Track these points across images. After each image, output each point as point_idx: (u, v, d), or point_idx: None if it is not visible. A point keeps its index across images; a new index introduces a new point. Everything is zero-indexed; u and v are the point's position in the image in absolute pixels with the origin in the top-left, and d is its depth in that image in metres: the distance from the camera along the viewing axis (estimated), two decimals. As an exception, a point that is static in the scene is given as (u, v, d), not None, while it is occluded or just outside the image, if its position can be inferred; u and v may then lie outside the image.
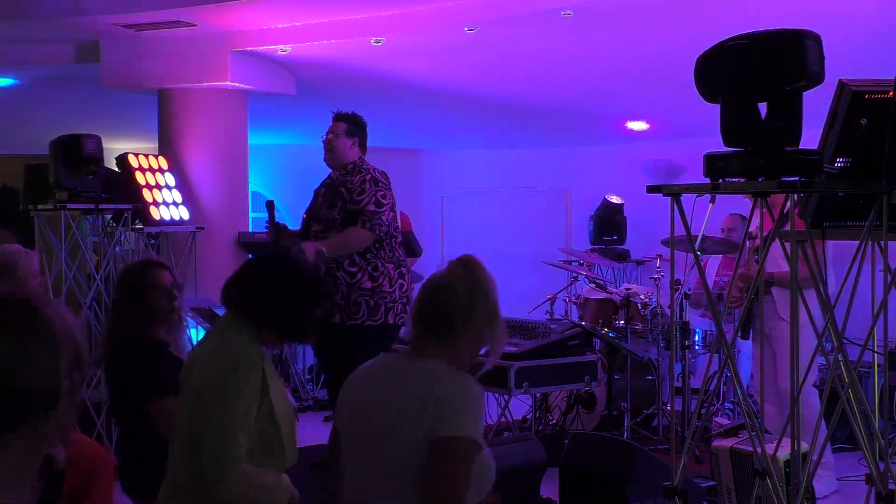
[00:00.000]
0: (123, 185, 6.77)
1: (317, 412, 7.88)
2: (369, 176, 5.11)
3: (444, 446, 2.41)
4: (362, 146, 5.28)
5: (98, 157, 6.30)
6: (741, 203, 6.39)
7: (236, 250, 7.50)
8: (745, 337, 5.63)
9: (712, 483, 4.57)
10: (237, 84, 7.28)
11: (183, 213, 7.05)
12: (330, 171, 5.32)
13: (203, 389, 2.87)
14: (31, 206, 6.37)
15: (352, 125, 5.27)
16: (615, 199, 9.12)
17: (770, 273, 5.22)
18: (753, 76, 2.92)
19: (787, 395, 3.84)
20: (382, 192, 5.09)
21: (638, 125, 8.91)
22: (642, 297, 6.69)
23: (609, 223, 9.17)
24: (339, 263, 5.07)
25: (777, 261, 5.10)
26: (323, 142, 5.30)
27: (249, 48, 7.12)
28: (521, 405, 6.83)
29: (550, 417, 6.78)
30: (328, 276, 5.10)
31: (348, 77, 7.77)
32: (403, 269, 5.18)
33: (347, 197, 5.08)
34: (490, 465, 2.53)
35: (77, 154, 6.19)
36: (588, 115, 8.84)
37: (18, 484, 1.41)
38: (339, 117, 5.31)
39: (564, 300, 7.57)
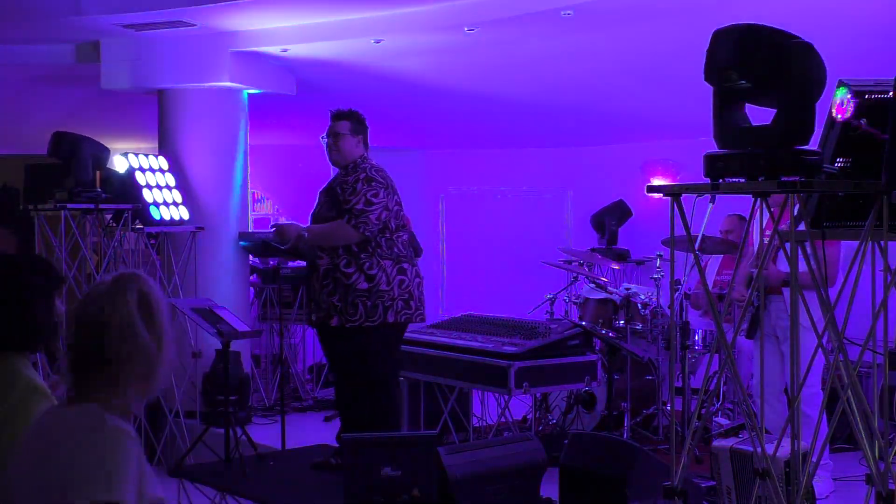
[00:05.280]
0: (123, 185, 6.77)
1: (317, 412, 7.88)
2: (363, 175, 5.08)
3: None
4: (365, 143, 5.25)
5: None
6: (741, 203, 6.38)
7: (236, 250, 7.49)
8: (750, 336, 5.61)
9: (712, 483, 4.57)
10: (237, 84, 7.28)
11: (183, 213, 7.05)
12: (335, 170, 5.31)
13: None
14: (31, 206, 6.38)
15: (355, 123, 5.22)
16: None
17: (787, 273, 5.19)
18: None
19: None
20: (374, 192, 5.05)
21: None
22: (642, 297, 6.68)
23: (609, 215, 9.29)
24: (335, 265, 5.05)
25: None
26: (324, 143, 5.25)
27: (249, 48, 7.12)
28: (521, 405, 6.83)
29: (550, 417, 6.79)
30: (327, 279, 5.09)
31: (348, 77, 7.77)
32: (405, 265, 5.13)
33: (341, 197, 5.07)
34: None
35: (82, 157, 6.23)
36: (588, 114, 8.83)
37: None
38: (339, 115, 5.25)
39: (564, 300, 7.57)
